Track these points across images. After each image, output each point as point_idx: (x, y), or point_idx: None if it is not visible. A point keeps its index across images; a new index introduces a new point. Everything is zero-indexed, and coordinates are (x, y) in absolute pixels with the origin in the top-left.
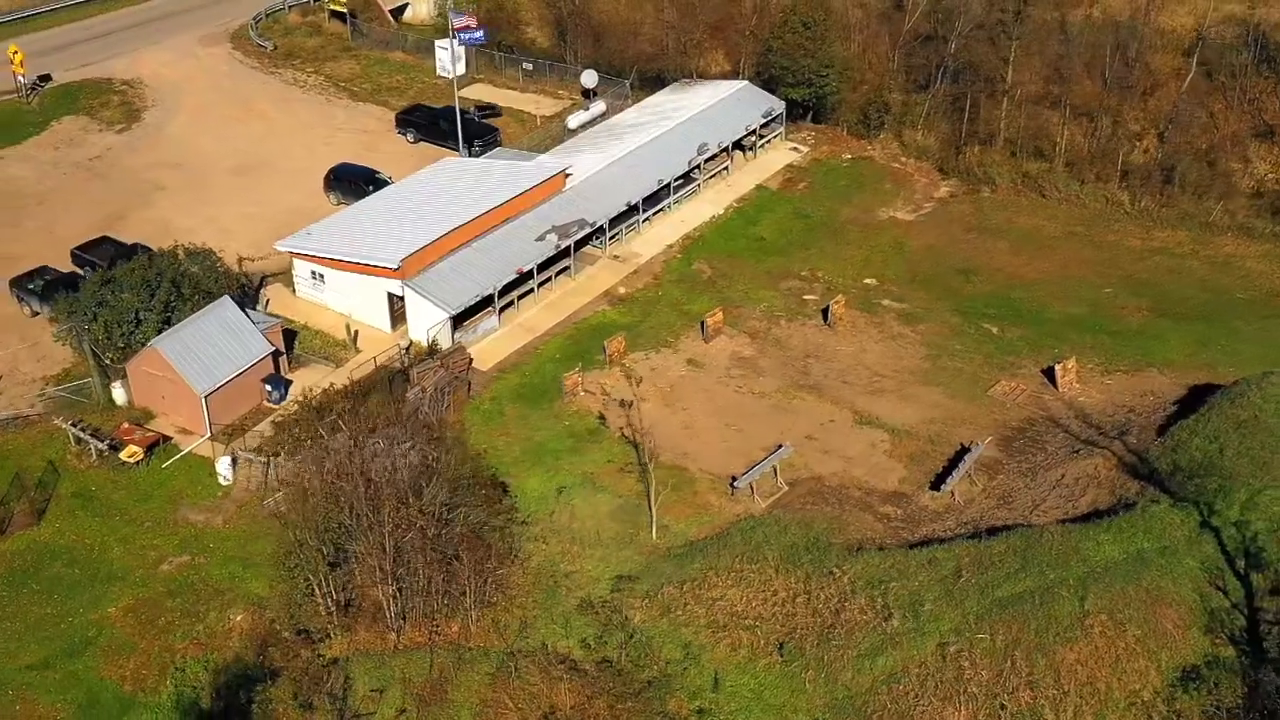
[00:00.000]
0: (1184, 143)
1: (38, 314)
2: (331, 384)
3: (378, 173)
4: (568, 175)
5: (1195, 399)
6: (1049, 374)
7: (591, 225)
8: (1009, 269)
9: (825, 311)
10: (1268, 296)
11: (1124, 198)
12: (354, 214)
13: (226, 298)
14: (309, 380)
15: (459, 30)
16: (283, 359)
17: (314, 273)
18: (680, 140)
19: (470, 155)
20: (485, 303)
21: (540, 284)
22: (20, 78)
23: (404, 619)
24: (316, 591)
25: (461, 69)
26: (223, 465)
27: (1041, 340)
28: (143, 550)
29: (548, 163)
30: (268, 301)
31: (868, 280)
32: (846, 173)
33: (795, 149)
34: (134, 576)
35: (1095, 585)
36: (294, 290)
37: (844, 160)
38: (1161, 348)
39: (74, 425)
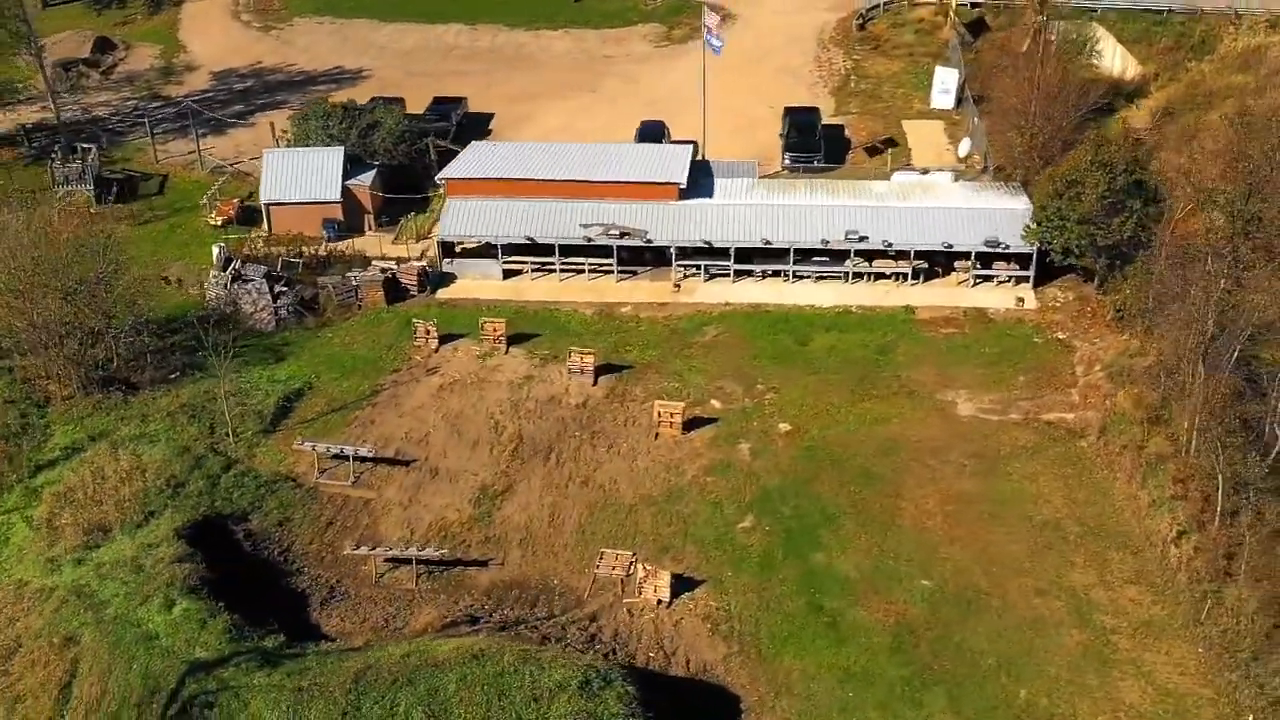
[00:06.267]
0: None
1: None
2: (348, 246)
3: (664, 134)
4: (681, 189)
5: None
6: (680, 579)
7: (646, 241)
8: (905, 507)
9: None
10: None
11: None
12: (526, 145)
13: (340, 148)
14: (367, 243)
15: (707, 30)
16: (368, 217)
17: None
18: (839, 219)
19: (783, 164)
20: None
21: (572, 267)
22: None
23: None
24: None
25: (949, 103)
26: (216, 249)
27: (755, 555)
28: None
29: (672, 170)
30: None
31: (784, 426)
32: (1017, 347)
33: (1020, 299)
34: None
35: None
36: None
37: (1041, 337)
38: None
39: (218, 184)
